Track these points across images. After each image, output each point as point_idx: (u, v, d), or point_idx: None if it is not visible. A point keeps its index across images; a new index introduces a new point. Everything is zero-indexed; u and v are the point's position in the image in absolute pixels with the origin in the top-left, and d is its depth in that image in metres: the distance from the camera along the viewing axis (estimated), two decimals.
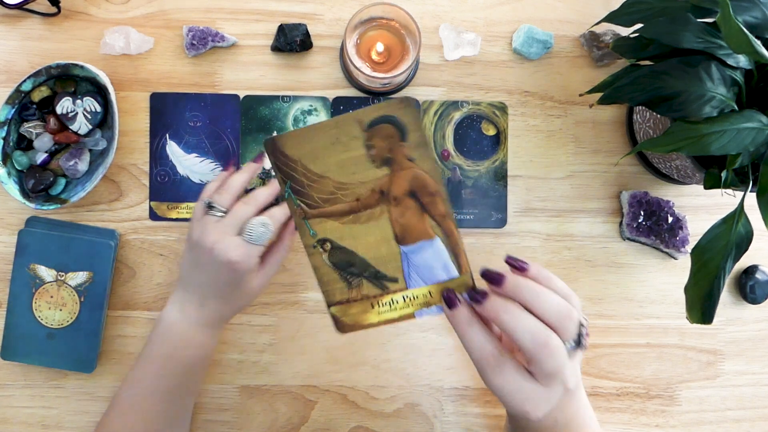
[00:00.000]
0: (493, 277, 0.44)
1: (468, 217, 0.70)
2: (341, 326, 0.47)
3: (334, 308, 0.46)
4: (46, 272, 0.66)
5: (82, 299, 0.66)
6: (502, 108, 0.71)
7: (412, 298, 0.46)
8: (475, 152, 0.70)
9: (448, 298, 0.45)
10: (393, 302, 0.46)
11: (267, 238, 0.58)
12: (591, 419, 0.48)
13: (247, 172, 0.62)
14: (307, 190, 0.44)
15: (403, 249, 0.45)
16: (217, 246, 0.56)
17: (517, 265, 0.45)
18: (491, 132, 0.71)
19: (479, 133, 0.71)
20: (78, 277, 0.66)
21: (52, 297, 0.66)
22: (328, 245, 0.45)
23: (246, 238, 0.57)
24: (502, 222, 0.71)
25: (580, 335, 0.44)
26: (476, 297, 0.44)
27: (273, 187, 0.61)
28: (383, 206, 0.44)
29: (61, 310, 0.66)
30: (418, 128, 0.42)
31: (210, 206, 0.59)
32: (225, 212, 0.58)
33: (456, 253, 0.45)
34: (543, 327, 0.42)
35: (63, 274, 0.66)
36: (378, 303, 0.46)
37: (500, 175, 0.71)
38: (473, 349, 0.44)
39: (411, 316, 0.46)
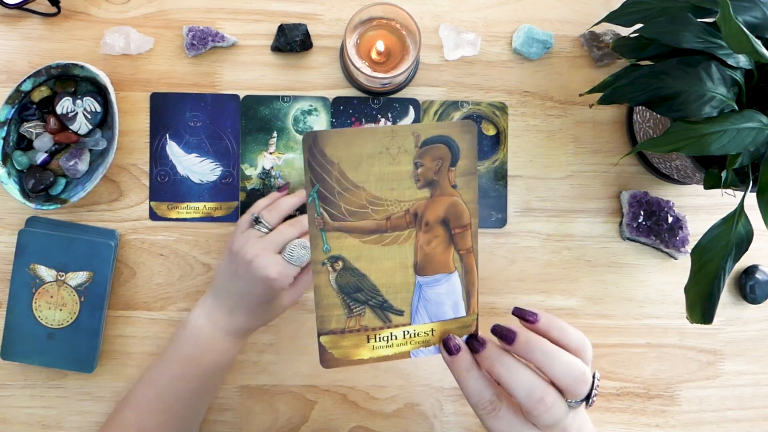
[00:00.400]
0: (504, 335, 0.43)
1: None
2: (326, 360, 0.42)
3: (325, 338, 0.42)
4: (46, 272, 0.66)
5: (82, 299, 0.66)
6: (502, 108, 0.71)
7: (412, 335, 0.43)
8: None
9: (448, 345, 0.43)
10: (392, 337, 0.43)
11: (305, 260, 0.60)
12: None
13: (298, 197, 0.65)
14: (335, 198, 0.40)
15: (420, 280, 0.42)
16: (257, 260, 0.58)
17: (526, 318, 0.44)
18: (491, 132, 0.71)
19: (479, 133, 0.71)
20: (78, 277, 0.66)
21: (52, 297, 0.66)
22: (339, 264, 0.41)
23: (286, 257, 0.59)
24: (502, 222, 0.71)
25: (589, 394, 0.43)
26: (475, 346, 0.43)
27: (296, 199, 0.64)
28: (412, 230, 0.41)
29: (61, 310, 0.66)
30: (472, 156, 0.40)
31: (257, 221, 0.61)
32: (270, 230, 0.61)
33: (470, 292, 0.43)
34: (539, 382, 0.42)
35: (63, 274, 0.66)
36: (375, 337, 0.42)
37: (500, 175, 0.71)
38: (470, 395, 0.43)
39: (406, 354, 0.43)
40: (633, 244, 0.71)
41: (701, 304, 0.54)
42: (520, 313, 0.44)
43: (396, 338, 0.42)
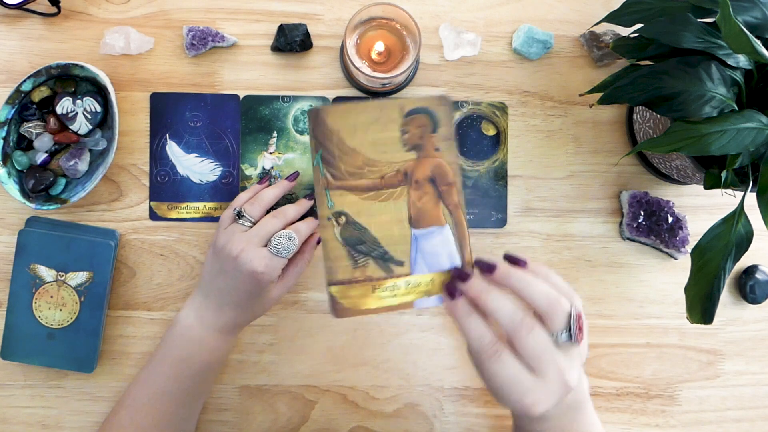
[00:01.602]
0: (483, 266, 0.46)
1: (468, 217, 0.70)
2: (338, 310, 0.47)
3: (334, 288, 0.46)
4: (46, 272, 0.66)
5: (82, 299, 0.66)
6: (502, 108, 0.71)
7: (414, 285, 0.47)
8: (475, 152, 0.70)
9: (449, 289, 0.46)
10: (395, 287, 0.47)
11: (291, 251, 0.59)
12: None
13: (280, 188, 0.64)
14: (336, 161, 0.46)
15: (415, 232, 0.47)
16: (242, 255, 0.58)
17: (515, 261, 0.47)
18: (491, 132, 0.71)
19: (479, 133, 0.71)
20: (78, 277, 0.66)
21: (52, 297, 0.66)
22: (342, 219, 0.46)
23: (272, 250, 0.58)
24: (502, 222, 0.71)
25: (570, 327, 0.44)
26: (462, 275, 0.46)
27: (302, 206, 0.64)
28: (404, 188, 0.46)
29: (61, 310, 0.66)
30: (449, 124, 0.46)
31: (240, 215, 0.61)
32: (253, 223, 0.60)
33: (462, 244, 0.47)
34: (520, 307, 0.44)
35: (63, 274, 0.66)
36: (379, 287, 0.46)
37: (500, 175, 0.71)
38: (472, 339, 0.45)
39: (410, 305, 0.47)
40: (633, 244, 0.71)
41: (701, 304, 0.54)
42: (510, 257, 0.47)
43: (399, 288, 0.47)
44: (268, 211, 0.62)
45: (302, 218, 0.64)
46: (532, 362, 0.44)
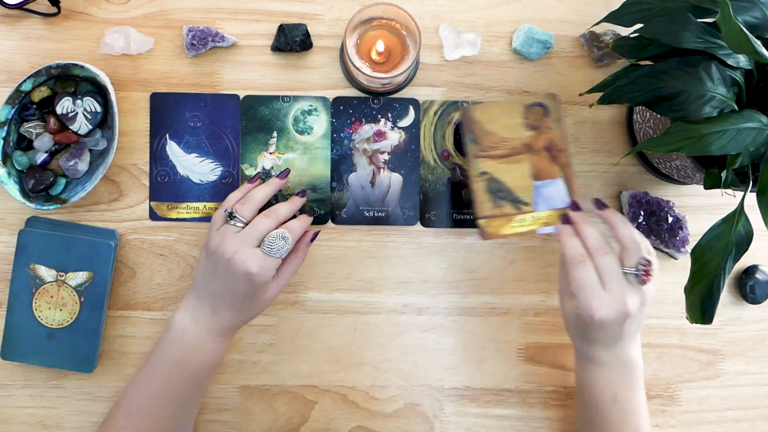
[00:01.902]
0: (599, 203, 0.62)
1: (468, 217, 0.70)
2: (486, 234, 0.65)
3: (482, 221, 0.65)
4: (46, 272, 0.66)
5: (82, 299, 0.66)
6: None
7: (536, 219, 0.65)
8: None
9: (564, 218, 0.62)
10: (523, 220, 0.65)
11: (285, 251, 0.59)
12: (640, 395, 0.61)
13: (271, 186, 0.64)
14: (481, 139, 0.65)
15: (536, 183, 0.65)
16: (236, 257, 0.57)
17: (602, 204, 0.62)
18: None
19: None
20: (78, 277, 0.66)
21: (52, 297, 0.66)
22: (486, 176, 0.65)
23: (265, 250, 0.58)
24: None
25: (638, 267, 0.57)
26: (575, 206, 0.63)
27: (294, 203, 0.64)
28: (527, 154, 0.65)
29: (61, 310, 0.66)
30: (557, 112, 0.65)
31: (231, 216, 0.60)
32: (245, 223, 0.60)
33: (571, 191, 0.64)
34: (602, 240, 0.58)
35: (63, 274, 0.66)
36: (512, 219, 0.65)
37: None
38: (569, 247, 0.59)
39: (533, 232, 0.65)
40: None
41: (701, 304, 0.54)
42: (598, 202, 0.62)
43: (526, 221, 0.65)
44: (261, 210, 0.62)
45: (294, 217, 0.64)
46: (604, 277, 0.57)
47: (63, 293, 0.66)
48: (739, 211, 0.53)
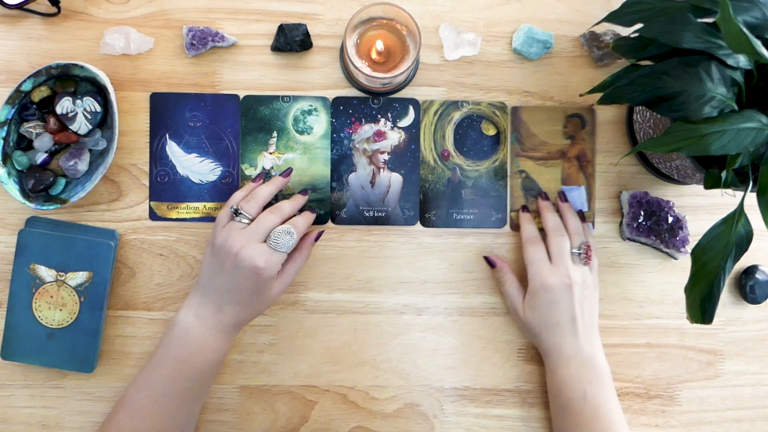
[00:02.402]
0: (562, 196, 0.69)
1: (468, 217, 0.70)
2: (515, 225, 0.71)
3: (514, 213, 0.71)
4: (46, 272, 0.66)
5: (82, 299, 0.66)
6: (503, 108, 0.71)
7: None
8: (475, 152, 0.70)
9: (523, 207, 0.70)
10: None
11: (291, 245, 0.60)
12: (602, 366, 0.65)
13: (275, 184, 0.65)
14: (523, 139, 0.70)
15: (563, 187, 0.71)
16: (242, 252, 0.58)
17: (565, 197, 0.70)
18: (491, 132, 0.71)
19: (479, 133, 0.71)
20: (78, 277, 0.66)
21: (52, 297, 0.66)
22: (523, 174, 0.70)
23: (271, 245, 0.59)
24: (502, 222, 0.71)
25: (580, 248, 0.66)
26: (543, 195, 0.69)
27: (296, 201, 0.65)
28: (560, 160, 0.71)
29: (61, 310, 0.66)
30: (593, 124, 0.71)
31: (237, 213, 0.61)
32: (251, 220, 0.61)
33: (590, 199, 0.71)
34: (561, 225, 0.67)
35: (63, 274, 0.66)
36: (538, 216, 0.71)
37: (500, 175, 0.71)
38: (526, 230, 0.68)
39: None
40: (633, 244, 0.71)
41: (701, 304, 0.54)
42: (562, 194, 0.70)
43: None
44: (264, 208, 0.63)
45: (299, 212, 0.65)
46: (553, 256, 0.65)
47: (63, 293, 0.66)
48: (739, 211, 0.53)
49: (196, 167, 0.69)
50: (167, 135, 0.69)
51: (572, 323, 0.64)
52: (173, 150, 0.69)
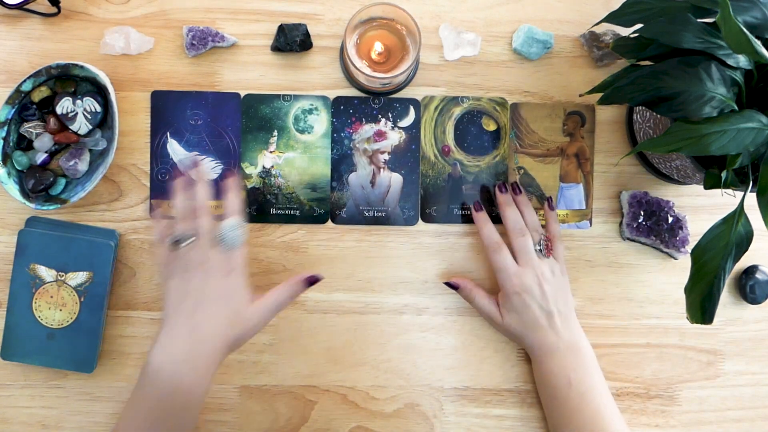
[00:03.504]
0: (516, 188, 0.69)
1: (468, 212, 0.70)
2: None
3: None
4: (46, 272, 0.66)
5: (82, 299, 0.66)
6: (503, 103, 0.71)
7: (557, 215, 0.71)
8: (475, 147, 0.71)
9: (477, 204, 0.70)
10: (542, 217, 0.70)
11: (242, 237, 0.60)
12: (586, 350, 0.66)
13: (179, 195, 0.62)
14: (522, 136, 0.70)
15: (562, 185, 0.71)
16: (204, 265, 0.58)
17: (518, 189, 0.69)
18: (492, 127, 0.71)
19: (480, 129, 0.71)
20: (78, 277, 0.66)
21: (52, 297, 0.66)
22: (522, 170, 0.71)
23: (225, 247, 0.59)
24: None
25: (540, 242, 0.66)
26: (501, 187, 0.69)
27: (200, 175, 0.64)
28: (559, 157, 0.71)
29: (61, 310, 0.66)
30: (592, 122, 0.71)
31: (179, 242, 0.59)
32: (193, 237, 0.59)
33: (588, 196, 0.71)
34: (521, 222, 0.67)
35: (63, 274, 0.66)
36: (537, 213, 0.70)
37: (501, 171, 0.71)
38: (485, 237, 0.68)
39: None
40: (633, 244, 0.71)
41: (701, 304, 0.54)
42: (514, 186, 0.70)
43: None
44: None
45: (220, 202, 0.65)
46: (519, 257, 0.66)
47: (63, 293, 0.66)
48: (739, 211, 0.53)
49: None
50: (168, 133, 0.69)
51: (549, 318, 0.65)
52: (174, 148, 0.69)
